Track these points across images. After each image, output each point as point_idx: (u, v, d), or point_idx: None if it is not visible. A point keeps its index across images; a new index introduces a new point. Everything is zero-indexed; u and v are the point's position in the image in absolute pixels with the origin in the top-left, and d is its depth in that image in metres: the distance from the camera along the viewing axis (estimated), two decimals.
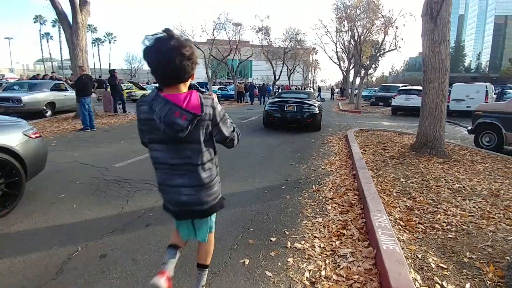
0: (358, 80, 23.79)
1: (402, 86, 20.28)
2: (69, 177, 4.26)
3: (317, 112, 9.04)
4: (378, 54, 20.72)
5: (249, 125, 10.48)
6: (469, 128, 7.43)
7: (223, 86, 32.66)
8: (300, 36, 35.86)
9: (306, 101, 9.13)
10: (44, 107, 10.54)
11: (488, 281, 1.98)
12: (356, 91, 25.41)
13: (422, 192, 3.67)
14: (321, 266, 2.17)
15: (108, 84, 19.43)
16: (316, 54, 49.93)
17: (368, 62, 20.95)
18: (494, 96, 19.60)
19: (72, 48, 10.18)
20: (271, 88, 28.90)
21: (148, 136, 1.43)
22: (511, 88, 27.19)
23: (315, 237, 2.59)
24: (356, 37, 19.52)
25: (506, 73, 53.63)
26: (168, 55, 1.24)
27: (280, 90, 25.12)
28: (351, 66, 31.96)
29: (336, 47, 31.51)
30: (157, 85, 1.38)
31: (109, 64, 70.22)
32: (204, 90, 22.27)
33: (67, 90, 11.56)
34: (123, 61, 74.91)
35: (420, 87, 17.65)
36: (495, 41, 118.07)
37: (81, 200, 3.41)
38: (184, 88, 1.36)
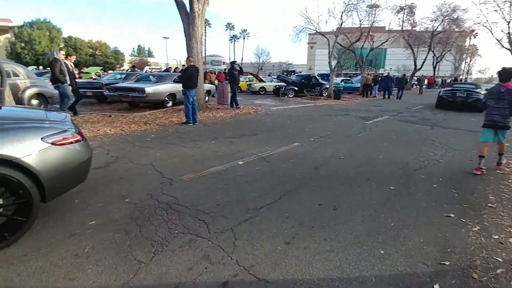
0: None
1: None
2: (124, 190, 3.40)
3: (481, 97, 13.57)
4: None
5: (375, 129, 7.86)
6: None
7: (347, 78, 29.32)
8: (458, 14, 27.77)
9: (473, 90, 12.71)
10: (166, 98, 11.11)
11: None
12: None
13: None
14: None
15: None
16: (475, 37, 38.11)
17: None
18: None
19: (188, 38, 10.03)
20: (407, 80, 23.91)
21: (488, 96, 4.27)
22: None
23: None
24: None
25: None
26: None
27: (419, 82, 27.24)
28: None
29: (509, 27, 22.39)
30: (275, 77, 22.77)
31: (241, 58, 76.59)
32: (324, 82, 20.11)
33: None
34: (253, 55, 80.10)
35: None
36: None
37: (101, 240, 2.36)
38: (509, 82, 4.11)
